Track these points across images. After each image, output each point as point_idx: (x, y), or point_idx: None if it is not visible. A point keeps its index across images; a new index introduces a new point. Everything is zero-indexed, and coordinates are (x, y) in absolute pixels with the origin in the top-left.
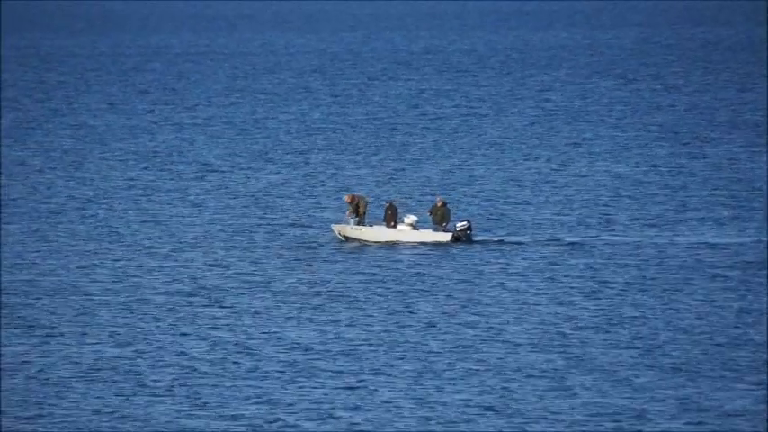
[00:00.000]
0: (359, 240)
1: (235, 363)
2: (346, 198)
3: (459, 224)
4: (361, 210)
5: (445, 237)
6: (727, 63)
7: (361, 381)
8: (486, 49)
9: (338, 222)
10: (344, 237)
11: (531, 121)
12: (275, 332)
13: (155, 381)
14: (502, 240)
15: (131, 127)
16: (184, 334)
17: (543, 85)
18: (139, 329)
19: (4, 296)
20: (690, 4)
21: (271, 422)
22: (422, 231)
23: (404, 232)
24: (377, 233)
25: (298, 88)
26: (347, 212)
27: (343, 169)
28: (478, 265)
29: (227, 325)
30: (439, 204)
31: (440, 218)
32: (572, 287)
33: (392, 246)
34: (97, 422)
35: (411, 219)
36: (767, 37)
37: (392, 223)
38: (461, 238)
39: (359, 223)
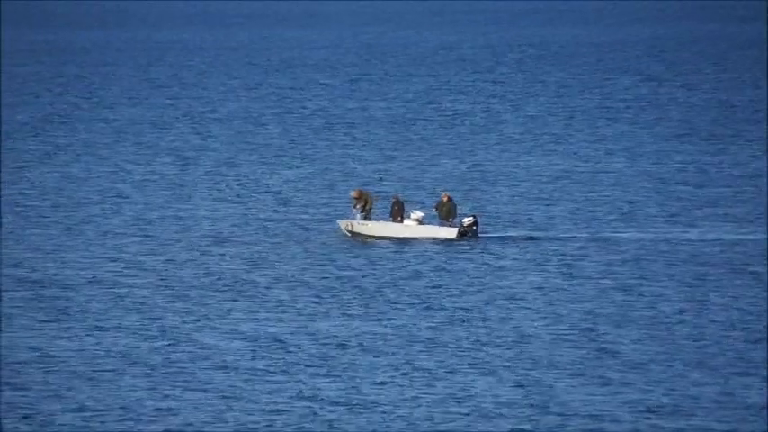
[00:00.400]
0: (365, 235)
1: (256, 356)
2: (353, 193)
3: (465, 219)
4: (367, 205)
5: (451, 232)
6: (743, 60)
7: (369, 375)
8: (501, 46)
9: (345, 218)
10: (351, 232)
11: (549, 118)
12: (287, 326)
13: (186, 374)
14: (531, 237)
15: (152, 121)
16: (206, 328)
17: (561, 81)
18: (166, 323)
19: (34, 291)
20: (703, 3)
21: (299, 415)
22: (428, 226)
23: (410, 227)
24: (383, 228)
25: (314, 83)
26: (354, 207)
27: (359, 164)
28: (485, 261)
29: (235, 320)
30: (445, 200)
31: (446, 213)
32: (584, 283)
33: (398, 241)
34: (125, 415)
35: (417, 214)
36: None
37: (398, 218)
38: (468, 234)
39: (365, 218)
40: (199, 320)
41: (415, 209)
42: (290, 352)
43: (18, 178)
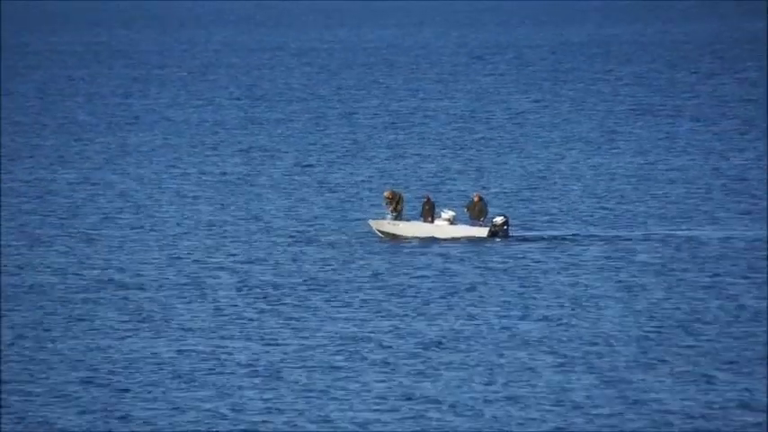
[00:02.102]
0: (396, 236)
1: (346, 354)
2: (387, 194)
3: (496, 219)
4: (399, 205)
5: (482, 231)
6: None
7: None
8: (558, 45)
9: (376, 218)
10: (381, 232)
11: (609, 117)
12: (319, 327)
13: (229, 374)
14: (576, 234)
15: (218, 122)
16: (288, 328)
17: (623, 79)
18: (247, 323)
19: (112, 293)
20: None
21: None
22: (459, 226)
23: (441, 227)
24: (414, 228)
25: (373, 83)
26: (386, 207)
27: (421, 163)
28: (518, 261)
29: (307, 319)
30: (476, 200)
31: (477, 213)
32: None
33: (429, 241)
34: (161, 416)
35: (448, 214)
36: None
37: (429, 218)
38: (499, 233)
39: (396, 218)
40: (285, 320)
41: (446, 209)
42: (363, 351)
43: (85, 179)
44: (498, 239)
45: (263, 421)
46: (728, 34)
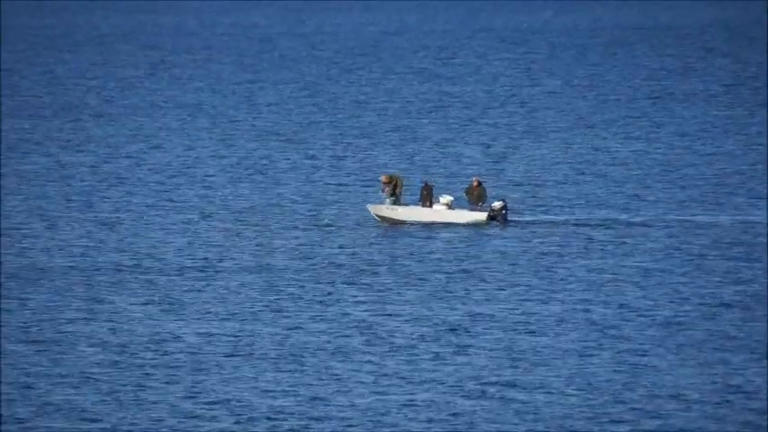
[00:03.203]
0: (394, 220)
1: (363, 340)
2: (383, 178)
3: (495, 204)
4: (397, 190)
5: (481, 216)
6: None
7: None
8: (585, 30)
9: (374, 203)
10: (380, 217)
11: (641, 103)
12: (339, 311)
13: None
14: (578, 219)
15: (229, 106)
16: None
17: (650, 67)
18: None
19: (140, 276)
20: None
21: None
22: (457, 211)
23: (439, 212)
24: (412, 213)
25: (405, 68)
26: (384, 192)
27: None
28: (516, 245)
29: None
30: (475, 185)
31: (476, 198)
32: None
33: (428, 226)
34: (178, 406)
35: (447, 199)
36: None
37: (428, 203)
38: (497, 218)
39: (395, 203)
40: (305, 304)
41: (445, 194)
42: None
43: (103, 163)
44: (497, 224)
45: (282, 404)
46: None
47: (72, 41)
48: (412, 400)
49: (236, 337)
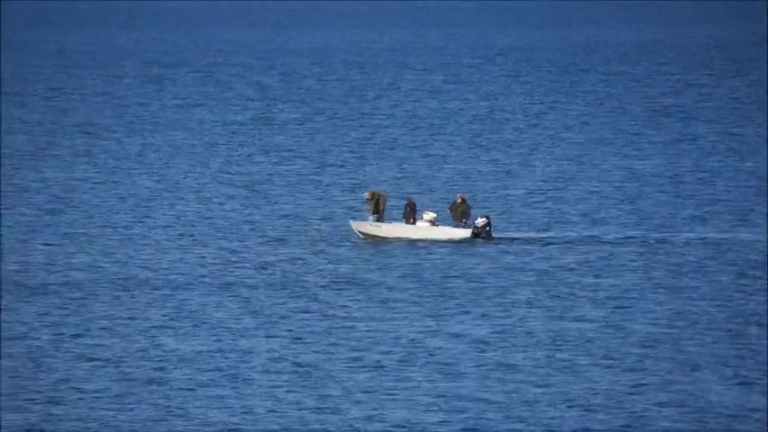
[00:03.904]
0: (377, 237)
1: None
2: (366, 195)
3: (478, 220)
4: (380, 206)
5: (465, 233)
6: None
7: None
8: (568, 46)
9: (357, 219)
10: (363, 233)
11: (622, 118)
12: (350, 325)
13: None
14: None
15: (233, 122)
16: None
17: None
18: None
19: (152, 292)
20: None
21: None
22: (441, 228)
23: (423, 229)
24: (396, 230)
25: (421, 84)
26: (366, 209)
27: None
28: (500, 262)
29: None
30: (459, 201)
31: (459, 214)
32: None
33: (411, 242)
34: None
35: (430, 215)
36: None
37: (411, 220)
38: (481, 235)
39: (378, 220)
40: (314, 318)
41: (428, 210)
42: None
43: (109, 180)
44: (481, 241)
45: (296, 418)
46: (734, 36)
47: (70, 59)
48: (398, 417)
49: (222, 351)
